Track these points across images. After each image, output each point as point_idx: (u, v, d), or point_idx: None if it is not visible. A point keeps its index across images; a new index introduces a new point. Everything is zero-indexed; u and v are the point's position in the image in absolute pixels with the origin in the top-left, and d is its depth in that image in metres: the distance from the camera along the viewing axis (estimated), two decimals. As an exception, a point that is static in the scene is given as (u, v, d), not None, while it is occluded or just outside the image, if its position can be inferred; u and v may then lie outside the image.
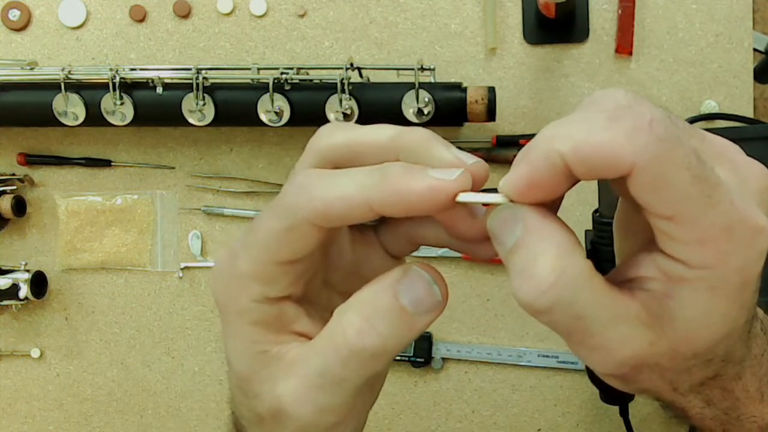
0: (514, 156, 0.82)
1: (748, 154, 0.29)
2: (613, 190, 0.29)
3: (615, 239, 0.32)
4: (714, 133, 0.29)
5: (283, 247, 0.30)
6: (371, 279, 0.31)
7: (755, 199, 0.27)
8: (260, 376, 0.31)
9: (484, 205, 0.30)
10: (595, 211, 0.57)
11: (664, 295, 0.27)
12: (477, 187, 0.29)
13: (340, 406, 0.31)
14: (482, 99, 0.67)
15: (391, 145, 0.30)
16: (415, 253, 0.36)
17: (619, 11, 0.70)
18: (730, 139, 0.29)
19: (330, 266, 0.34)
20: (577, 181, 0.26)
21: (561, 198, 0.28)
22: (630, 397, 0.65)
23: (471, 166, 0.29)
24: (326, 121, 0.68)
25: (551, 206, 0.28)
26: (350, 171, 0.29)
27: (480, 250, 0.32)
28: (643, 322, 0.27)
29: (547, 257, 0.26)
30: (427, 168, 0.28)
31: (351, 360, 0.29)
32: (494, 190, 0.28)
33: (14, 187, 0.75)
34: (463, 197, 0.28)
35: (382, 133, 0.30)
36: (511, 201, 0.27)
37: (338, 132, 0.31)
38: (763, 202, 0.27)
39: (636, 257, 0.28)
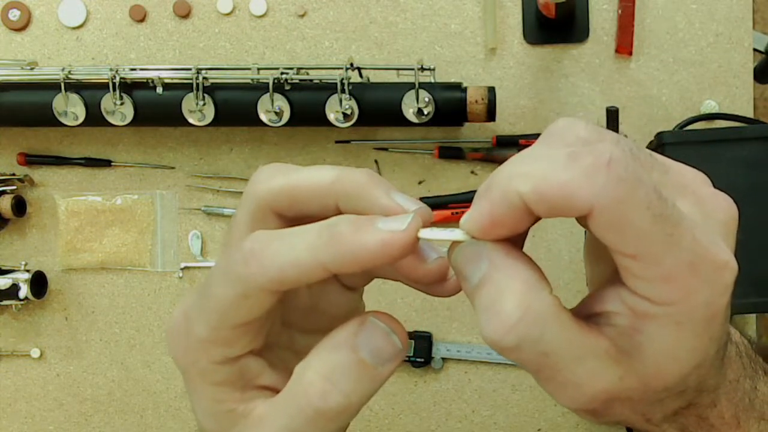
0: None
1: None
2: (579, 223, 0.29)
3: (585, 267, 0.32)
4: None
5: (239, 313, 0.29)
6: (330, 313, 0.32)
7: (720, 231, 0.27)
8: None
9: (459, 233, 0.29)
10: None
11: (631, 330, 0.26)
12: (414, 250, 0.29)
13: None
14: (482, 99, 0.67)
15: (331, 189, 0.30)
16: None
17: (619, 11, 0.70)
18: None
19: (287, 308, 0.34)
20: (540, 217, 0.26)
21: (526, 232, 0.28)
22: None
23: (415, 212, 0.28)
24: (326, 121, 0.68)
25: (517, 240, 0.28)
26: (299, 232, 0.28)
27: (432, 291, 0.32)
28: (612, 358, 0.27)
29: (512, 294, 0.26)
30: (376, 219, 0.28)
31: (317, 419, 0.29)
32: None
33: (14, 187, 0.75)
34: (424, 234, 0.28)
35: (322, 177, 0.30)
36: (474, 238, 0.27)
37: (277, 176, 0.31)
38: (728, 234, 0.27)
39: (603, 291, 0.28)
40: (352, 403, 0.29)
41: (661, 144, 0.62)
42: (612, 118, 0.58)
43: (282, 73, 0.68)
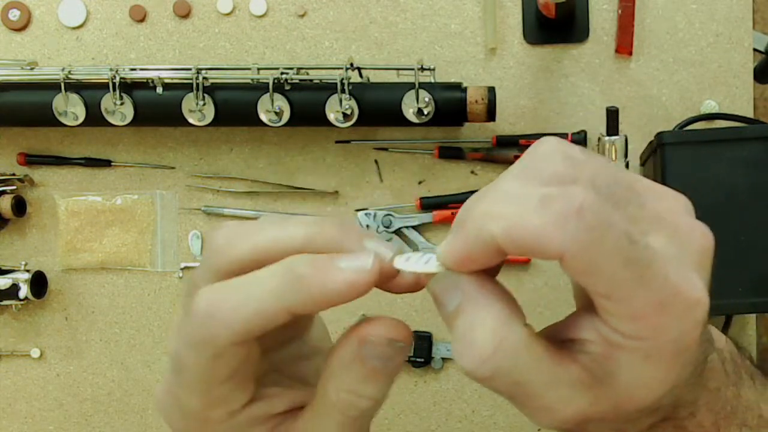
0: (515, 156, 0.81)
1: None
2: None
3: (572, 283, 0.33)
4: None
5: (219, 372, 0.29)
6: (301, 324, 0.33)
7: (694, 262, 0.27)
8: None
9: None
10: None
11: (603, 358, 0.27)
12: (391, 279, 0.29)
13: None
14: (482, 99, 0.67)
15: (302, 249, 0.29)
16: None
17: (619, 11, 0.70)
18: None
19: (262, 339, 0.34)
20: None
21: (501, 263, 0.29)
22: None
23: (375, 251, 0.28)
24: (326, 121, 0.68)
25: (492, 270, 0.29)
26: (257, 280, 0.28)
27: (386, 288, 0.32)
28: (584, 384, 0.27)
29: (485, 327, 0.26)
30: (336, 258, 0.28)
31: (353, 424, 0.30)
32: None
33: (14, 187, 0.75)
34: (401, 264, 0.28)
35: (292, 239, 0.29)
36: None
37: (239, 242, 0.29)
38: (702, 265, 0.27)
39: (579, 317, 0.28)
40: (379, 400, 0.30)
41: (661, 144, 0.62)
42: (612, 118, 0.58)
43: (282, 73, 0.68)
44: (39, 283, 0.75)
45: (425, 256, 0.28)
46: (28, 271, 0.74)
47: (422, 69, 0.67)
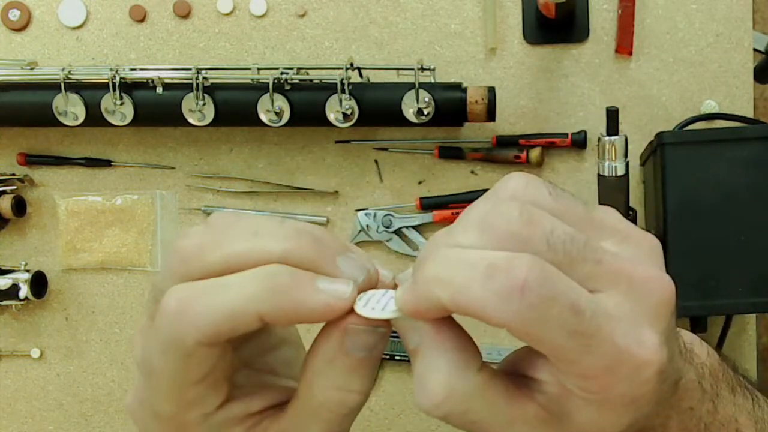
0: (515, 156, 0.80)
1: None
2: None
3: None
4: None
5: (190, 373, 0.28)
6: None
7: (649, 317, 0.27)
8: None
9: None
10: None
11: (559, 399, 0.28)
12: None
13: None
14: (482, 99, 0.67)
15: (279, 262, 0.28)
16: None
17: (619, 11, 0.70)
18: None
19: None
20: None
21: None
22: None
23: (355, 282, 0.28)
24: (326, 121, 0.68)
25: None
26: (232, 283, 0.27)
27: None
28: (541, 421, 0.28)
29: (438, 374, 0.27)
30: (318, 279, 0.28)
31: (343, 419, 0.30)
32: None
33: (14, 187, 0.75)
34: (359, 309, 0.28)
35: (269, 251, 0.28)
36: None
37: (212, 250, 0.28)
38: (658, 320, 0.27)
39: (536, 358, 0.28)
40: (368, 392, 0.30)
41: (661, 144, 0.62)
42: (612, 118, 0.58)
43: (282, 73, 0.68)
44: (39, 283, 0.75)
45: (385, 297, 0.29)
46: (28, 271, 0.74)
47: (422, 69, 0.67)
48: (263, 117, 0.68)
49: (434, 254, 0.27)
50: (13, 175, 0.75)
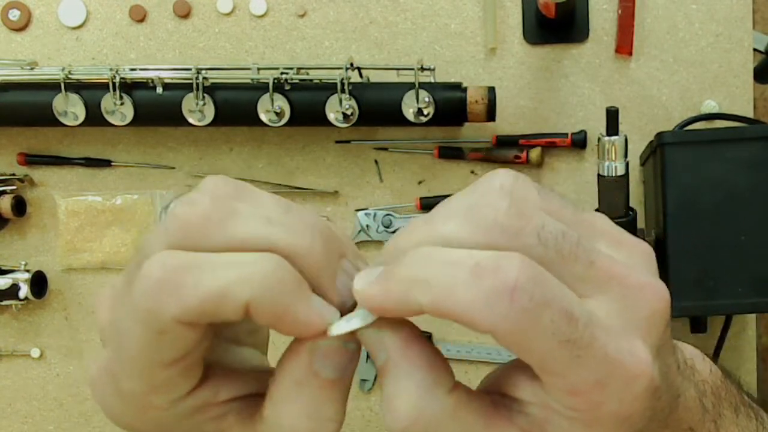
0: (515, 156, 0.80)
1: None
2: None
3: None
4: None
5: (162, 353, 0.26)
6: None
7: (642, 328, 0.25)
8: None
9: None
10: (596, 211, 0.57)
11: (542, 422, 0.26)
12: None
13: None
14: (482, 99, 0.67)
15: (286, 256, 0.26)
16: None
17: (619, 11, 0.70)
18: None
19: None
20: None
21: None
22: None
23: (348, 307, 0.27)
24: (326, 121, 0.68)
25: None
26: (232, 260, 0.25)
27: None
28: None
29: (406, 396, 0.25)
30: (312, 298, 0.26)
31: None
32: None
33: (14, 187, 0.75)
34: (334, 330, 0.26)
35: (276, 242, 0.26)
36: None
37: (215, 228, 0.25)
38: (652, 329, 0.26)
39: (518, 373, 0.27)
40: (342, 416, 0.28)
41: (661, 144, 0.62)
42: (612, 118, 0.58)
43: (282, 73, 0.68)
44: (39, 283, 0.75)
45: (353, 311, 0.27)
46: (28, 271, 0.74)
47: (422, 69, 0.67)
48: (263, 117, 0.68)
49: (411, 250, 0.25)
50: (13, 175, 0.75)
